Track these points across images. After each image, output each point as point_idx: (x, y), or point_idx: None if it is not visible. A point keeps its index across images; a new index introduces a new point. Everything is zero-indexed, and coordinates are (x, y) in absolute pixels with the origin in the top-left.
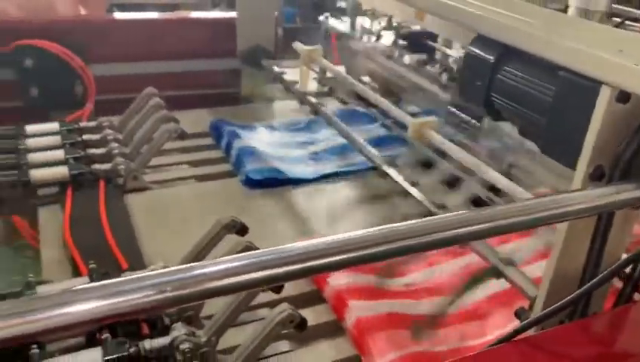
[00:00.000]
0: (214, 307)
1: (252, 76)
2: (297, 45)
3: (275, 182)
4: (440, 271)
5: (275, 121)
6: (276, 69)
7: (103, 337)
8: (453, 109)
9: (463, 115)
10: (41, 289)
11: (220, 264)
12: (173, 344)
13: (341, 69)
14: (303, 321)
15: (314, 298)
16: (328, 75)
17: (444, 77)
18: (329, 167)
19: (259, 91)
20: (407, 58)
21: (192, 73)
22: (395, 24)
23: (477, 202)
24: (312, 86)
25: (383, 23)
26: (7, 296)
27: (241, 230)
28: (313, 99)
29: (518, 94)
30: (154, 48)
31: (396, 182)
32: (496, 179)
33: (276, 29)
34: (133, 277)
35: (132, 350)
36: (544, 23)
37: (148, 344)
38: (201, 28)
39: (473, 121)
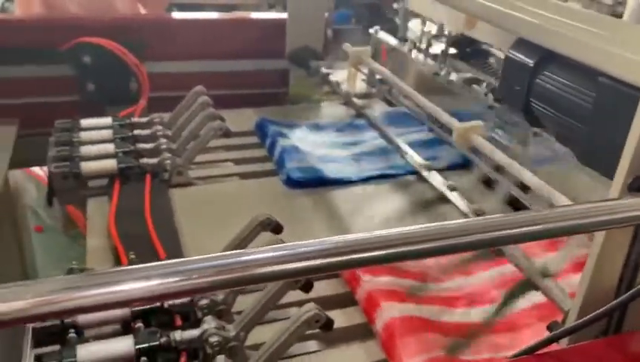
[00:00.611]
0: (244, 304)
1: (300, 77)
2: (346, 46)
3: (315, 182)
4: (475, 280)
5: (320, 121)
6: (323, 70)
7: (136, 326)
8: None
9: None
10: None
11: (263, 253)
12: (202, 336)
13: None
14: (329, 322)
15: (346, 299)
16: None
17: (490, 98)
18: (371, 169)
19: (306, 92)
20: (455, 76)
21: (242, 73)
22: (446, 32)
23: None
24: (361, 87)
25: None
26: None
27: (276, 228)
28: (358, 101)
29: (557, 100)
30: (206, 48)
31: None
32: (540, 188)
33: (326, 30)
34: (182, 260)
35: (163, 340)
36: (589, 27)
37: (178, 335)
38: (252, 28)
39: None
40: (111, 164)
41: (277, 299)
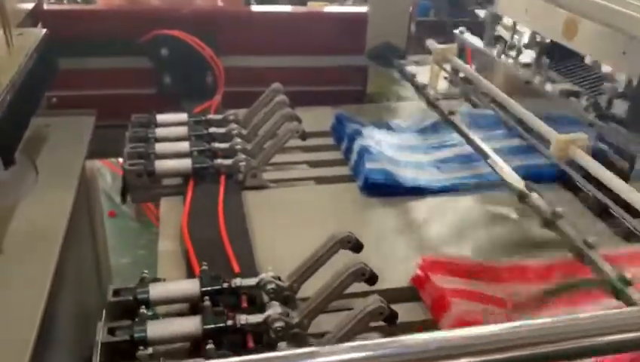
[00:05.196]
0: (309, 291)
1: (379, 74)
2: (430, 43)
3: (394, 189)
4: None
5: (400, 121)
6: (406, 68)
7: (204, 304)
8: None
9: None
10: (153, 288)
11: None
12: (266, 321)
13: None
14: (393, 314)
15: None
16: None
17: (592, 114)
18: (453, 178)
19: (385, 90)
20: (550, 86)
21: (319, 69)
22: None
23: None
24: (443, 86)
25: (526, 38)
26: (120, 292)
27: (356, 246)
28: (442, 102)
29: None
30: (282, 42)
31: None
32: None
33: (410, 25)
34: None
35: (229, 322)
36: None
37: (244, 318)
38: (331, 23)
39: None
40: (185, 163)
41: (342, 290)
